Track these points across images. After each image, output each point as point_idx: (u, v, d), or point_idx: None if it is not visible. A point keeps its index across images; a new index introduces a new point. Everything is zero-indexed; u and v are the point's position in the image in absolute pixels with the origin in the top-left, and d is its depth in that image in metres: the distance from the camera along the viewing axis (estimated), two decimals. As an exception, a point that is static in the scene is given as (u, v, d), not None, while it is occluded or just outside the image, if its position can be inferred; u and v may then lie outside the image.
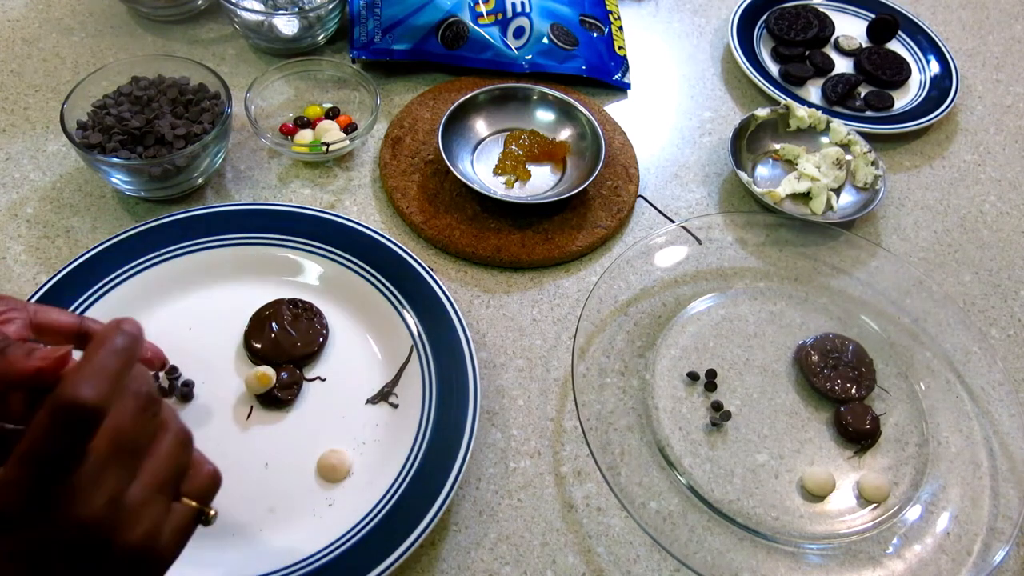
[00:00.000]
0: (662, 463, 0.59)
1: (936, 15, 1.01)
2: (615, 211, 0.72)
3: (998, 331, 0.70)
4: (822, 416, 0.62)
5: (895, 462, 0.61)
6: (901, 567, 0.55)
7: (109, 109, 0.66)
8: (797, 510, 0.58)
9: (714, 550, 0.55)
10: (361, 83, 0.77)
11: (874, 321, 0.68)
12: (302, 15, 0.79)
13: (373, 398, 0.59)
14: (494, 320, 0.66)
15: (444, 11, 0.79)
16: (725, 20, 0.94)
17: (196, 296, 0.57)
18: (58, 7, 0.85)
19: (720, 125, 0.83)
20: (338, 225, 0.65)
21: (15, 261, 0.64)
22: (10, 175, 0.70)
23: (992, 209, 0.80)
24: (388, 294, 0.62)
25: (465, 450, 0.54)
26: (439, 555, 0.54)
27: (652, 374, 0.63)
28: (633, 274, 0.68)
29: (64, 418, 0.30)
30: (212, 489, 0.39)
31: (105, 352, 0.32)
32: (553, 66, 0.82)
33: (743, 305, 0.68)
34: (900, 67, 0.89)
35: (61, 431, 0.30)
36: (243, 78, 0.79)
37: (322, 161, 0.74)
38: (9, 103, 0.75)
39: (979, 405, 0.64)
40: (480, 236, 0.69)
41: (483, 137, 0.76)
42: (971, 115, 0.88)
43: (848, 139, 0.79)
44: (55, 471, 0.31)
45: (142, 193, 0.67)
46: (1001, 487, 0.59)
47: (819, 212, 0.74)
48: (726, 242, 0.72)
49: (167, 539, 0.36)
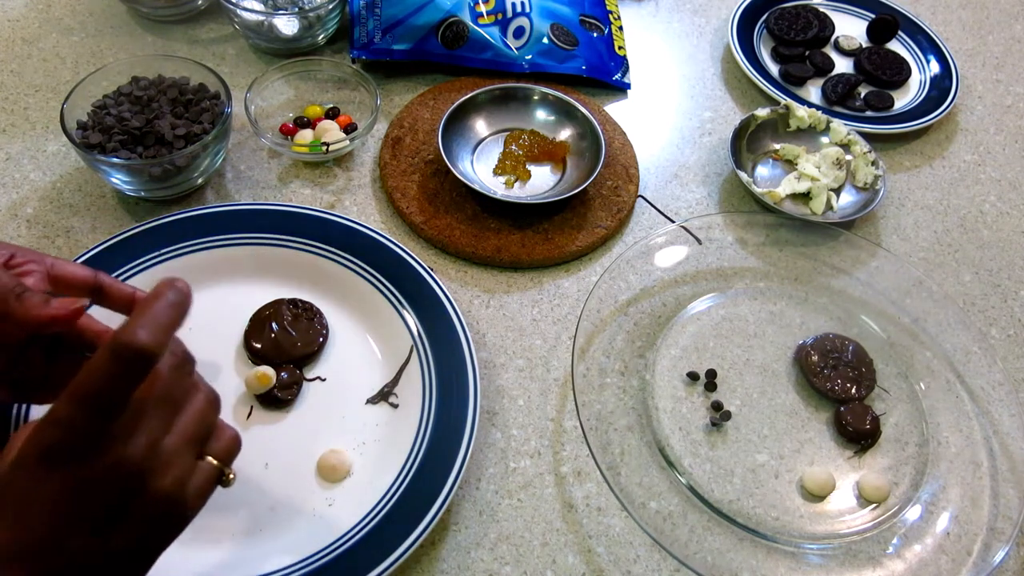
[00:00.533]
0: (662, 463, 0.59)
1: (936, 15, 1.01)
2: (615, 211, 0.72)
3: (998, 331, 0.70)
4: (822, 416, 0.62)
5: (895, 462, 0.61)
6: (901, 567, 0.55)
7: (109, 109, 0.66)
8: (797, 510, 0.58)
9: (714, 550, 0.55)
10: (361, 83, 0.77)
11: (874, 321, 0.68)
12: (302, 15, 0.79)
13: (373, 398, 0.59)
14: (494, 320, 0.66)
15: (444, 11, 0.79)
16: (725, 20, 0.94)
17: (196, 296, 0.57)
18: (58, 7, 0.85)
19: (720, 125, 0.83)
20: (338, 225, 0.65)
21: (15, 261, 0.64)
22: (10, 175, 0.70)
23: (992, 209, 0.80)
24: (388, 294, 0.62)
25: (465, 450, 0.54)
26: (439, 555, 0.54)
27: (652, 374, 0.63)
28: (633, 274, 0.68)
29: (121, 359, 0.32)
30: (234, 451, 0.41)
31: (160, 304, 0.34)
32: (553, 66, 0.82)
33: (743, 305, 0.68)
34: (900, 67, 0.89)
35: (117, 371, 0.33)
36: (243, 78, 0.79)
37: (322, 161, 0.74)
38: (9, 103, 0.75)
39: (979, 405, 0.64)
40: (480, 236, 0.69)
41: (483, 137, 0.76)
42: (971, 115, 0.88)
43: (848, 139, 0.79)
44: (108, 410, 0.33)
45: (142, 193, 0.67)
46: (1001, 487, 0.59)
47: (819, 212, 0.74)
48: (726, 242, 0.72)
49: (192, 493, 0.38)
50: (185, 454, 0.38)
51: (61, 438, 0.33)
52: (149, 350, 0.33)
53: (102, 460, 0.34)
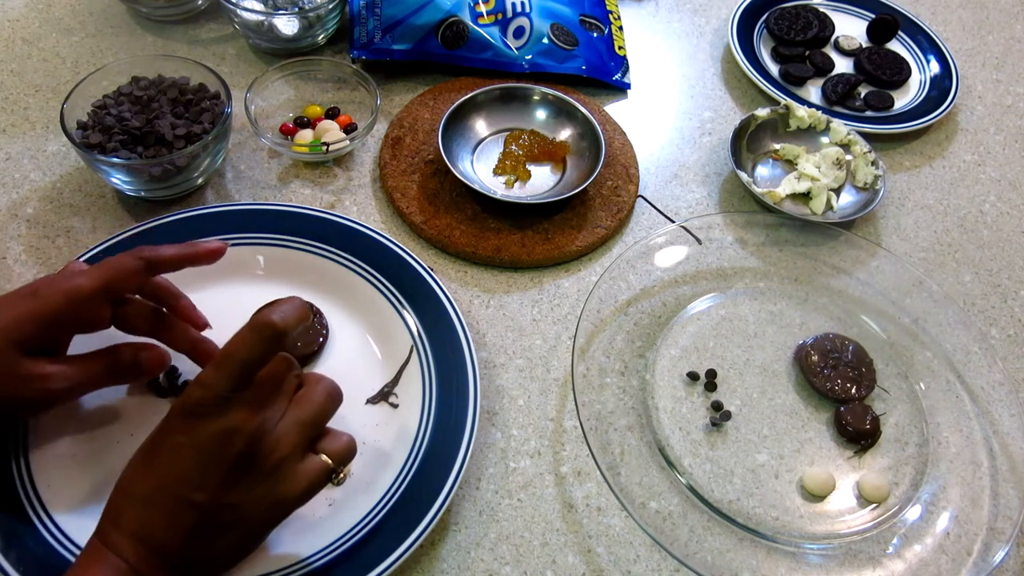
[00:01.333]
0: (662, 463, 0.59)
1: (936, 15, 1.01)
2: (615, 211, 0.72)
3: (998, 331, 0.70)
4: (822, 416, 0.62)
5: (895, 462, 0.61)
6: (901, 567, 0.55)
7: (109, 109, 0.66)
8: (797, 510, 0.58)
9: (714, 550, 0.55)
10: (361, 83, 0.77)
11: (874, 321, 0.68)
12: (302, 15, 0.79)
13: (373, 398, 0.59)
14: (494, 320, 0.66)
15: (444, 11, 0.79)
16: (725, 20, 0.94)
17: (196, 296, 0.57)
18: (58, 7, 0.85)
19: (720, 125, 0.83)
20: (338, 225, 0.65)
21: (15, 261, 0.64)
22: (10, 175, 0.70)
23: (992, 209, 0.80)
24: (388, 294, 0.62)
25: (465, 450, 0.54)
26: (439, 555, 0.54)
27: (652, 374, 0.63)
28: (633, 274, 0.68)
29: (256, 329, 0.43)
30: (346, 453, 0.47)
31: (289, 304, 0.45)
32: (553, 66, 0.82)
33: (743, 305, 0.68)
34: (900, 67, 0.89)
35: (255, 340, 0.43)
36: (243, 78, 0.79)
37: (322, 161, 0.74)
38: (9, 103, 0.75)
39: (979, 405, 0.64)
40: (480, 236, 0.69)
41: (483, 137, 0.76)
42: (971, 115, 0.88)
43: (848, 139, 0.79)
44: (239, 376, 0.43)
45: (142, 193, 0.67)
46: (1001, 487, 0.59)
47: (819, 212, 0.74)
48: (726, 242, 0.72)
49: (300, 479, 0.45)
50: (294, 435, 0.44)
51: (200, 396, 0.42)
52: (280, 327, 0.43)
53: (224, 421, 0.42)
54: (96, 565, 0.42)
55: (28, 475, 0.52)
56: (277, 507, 0.45)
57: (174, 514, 0.42)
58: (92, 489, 0.52)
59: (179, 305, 0.55)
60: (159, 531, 0.42)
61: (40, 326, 0.48)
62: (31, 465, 0.52)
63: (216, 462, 0.42)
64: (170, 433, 0.43)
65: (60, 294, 0.48)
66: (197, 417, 0.42)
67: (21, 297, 0.49)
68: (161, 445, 0.43)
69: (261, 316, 0.43)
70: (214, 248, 0.54)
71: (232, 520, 0.43)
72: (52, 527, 0.50)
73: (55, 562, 0.48)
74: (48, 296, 0.48)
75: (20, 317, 0.47)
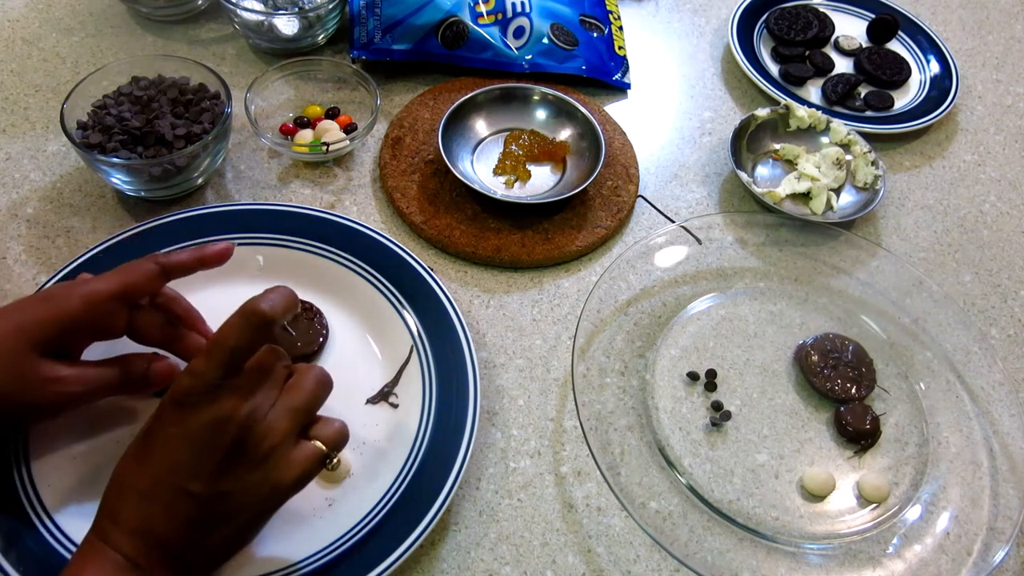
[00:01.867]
0: (662, 463, 0.59)
1: (936, 15, 1.01)
2: (615, 211, 0.72)
3: (998, 331, 0.70)
4: (822, 416, 0.62)
5: (895, 462, 0.61)
6: (901, 567, 0.55)
7: (109, 109, 0.66)
8: (797, 510, 0.58)
9: (714, 550, 0.55)
10: (361, 83, 0.77)
11: (874, 321, 0.68)
12: (302, 15, 0.79)
13: (373, 398, 0.59)
14: (494, 320, 0.66)
15: (444, 11, 0.79)
16: (725, 20, 0.94)
17: (196, 296, 0.57)
18: (58, 7, 0.85)
19: (720, 125, 0.83)
20: (338, 225, 0.65)
21: (15, 261, 0.64)
22: (10, 175, 0.70)
23: (992, 209, 0.80)
24: (388, 294, 0.62)
25: (465, 450, 0.54)
26: (439, 555, 0.54)
27: (652, 374, 0.63)
28: (633, 274, 0.68)
29: (248, 318, 0.43)
30: (339, 438, 0.47)
31: (277, 293, 0.45)
32: (553, 66, 0.82)
33: (743, 305, 0.68)
34: (900, 67, 0.89)
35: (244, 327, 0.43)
36: (243, 78, 0.79)
37: (322, 161, 0.74)
38: (9, 103, 0.75)
39: (979, 405, 0.64)
40: (480, 236, 0.69)
41: (483, 137, 0.76)
42: (971, 115, 0.88)
43: (848, 139, 0.79)
44: (228, 364, 0.43)
45: (142, 193, 0.67)
46: (1001, 487, 0.59)
47: (819, 212, 0.74)
48: (726, 242, 0.72)
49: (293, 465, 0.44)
50: (286, 422, 0.44)
51: (190, 384, 0.42)
52: (268, 314, 0.43)
53: (214, 409, 0.42)
54: (94, 562, 0.42)
55: (28, 475, 0.52)
56: (273, 494, 0.45)
57: (172, 506, 0.42)
58: (92, 489, 0.52)
59: (188, 315, 0.55)
60: (159, 525, 0.42)
61: (58, 329, 0.48)
62: (31, 465, 0.52)
63: (209, 451, 0.42)
64: (162, 425, 0.43)
65: (77, 298, 0.48)
66: (188, 407, 0.43)
67: (37, 301, 0.49)
68: (154, 438, 0.43)
69: (250, 304, 0.44)
70: (222, 249, 0.54)
71: (229, 509, 0.43)
72: (52, 527, 0.50)
73: (55, 562, 0.48)
74: (65, 300, 0.48)
75: (39, 319, 0.47)
